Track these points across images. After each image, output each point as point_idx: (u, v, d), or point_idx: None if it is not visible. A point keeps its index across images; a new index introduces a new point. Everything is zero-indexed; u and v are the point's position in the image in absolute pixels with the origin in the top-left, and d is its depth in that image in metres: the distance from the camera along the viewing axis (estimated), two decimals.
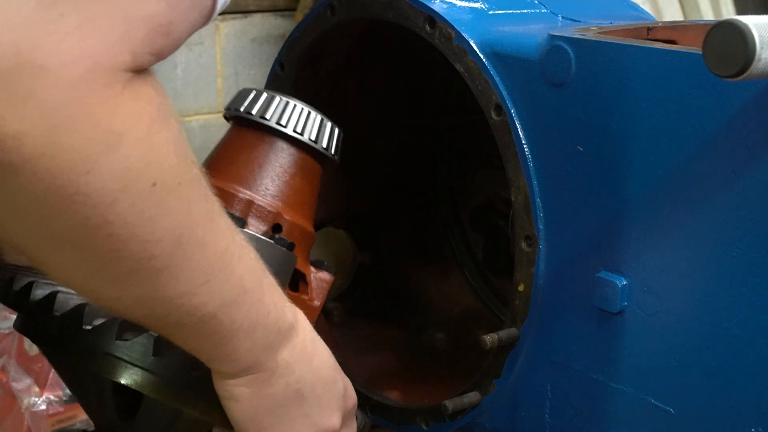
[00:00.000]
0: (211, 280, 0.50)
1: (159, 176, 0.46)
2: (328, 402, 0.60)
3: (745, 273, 0.57)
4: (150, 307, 0.50)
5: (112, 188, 0.44)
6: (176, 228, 0.48)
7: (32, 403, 1.59)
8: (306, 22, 0.81)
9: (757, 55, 0.50)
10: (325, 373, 0.61)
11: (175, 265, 0.48)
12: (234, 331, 0.53)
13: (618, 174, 0.63)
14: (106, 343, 0.60)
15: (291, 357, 0.58)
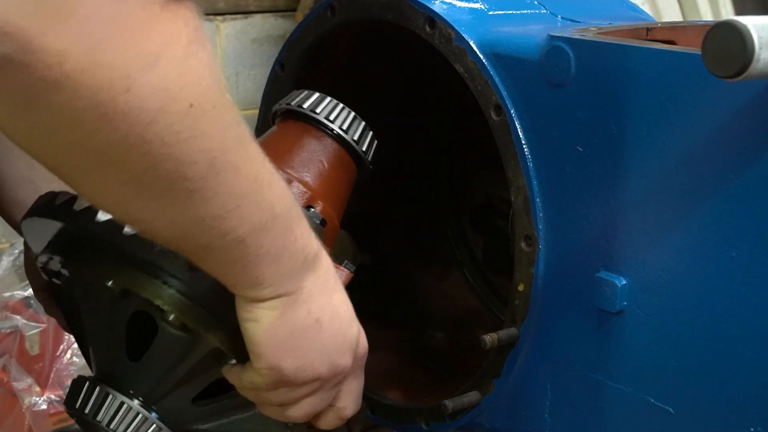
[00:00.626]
0: (241, 205, 0.51)
1: (195, 97, 0.46)
2: (343, 340, 0.61)
3: (744, 273, 0.57)
4: (181, 229, 0.51)
5: (150, 107, 0.44)
6: (210, 151, 0.48)
7: (33, 403, 1.59)
8: (306, 23, 0.81)
9: (756, 55, 0.50)
10: (344, 311, 0.61)
11: (208, 188, 0.49)
12: (261, 256, 0.54)
13: (617, 174, 0.63)
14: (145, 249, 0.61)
15: (314, 286, 0.58)
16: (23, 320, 1.65)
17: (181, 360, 0.65)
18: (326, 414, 0.65)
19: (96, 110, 0.43)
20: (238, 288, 0.57)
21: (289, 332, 0.58)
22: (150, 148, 0.46)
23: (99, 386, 0.66)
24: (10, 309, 1.66)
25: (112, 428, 0.66)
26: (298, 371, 0.59)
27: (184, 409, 0.67)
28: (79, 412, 0.67)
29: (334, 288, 0.61)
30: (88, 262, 0.65)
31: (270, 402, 0.62)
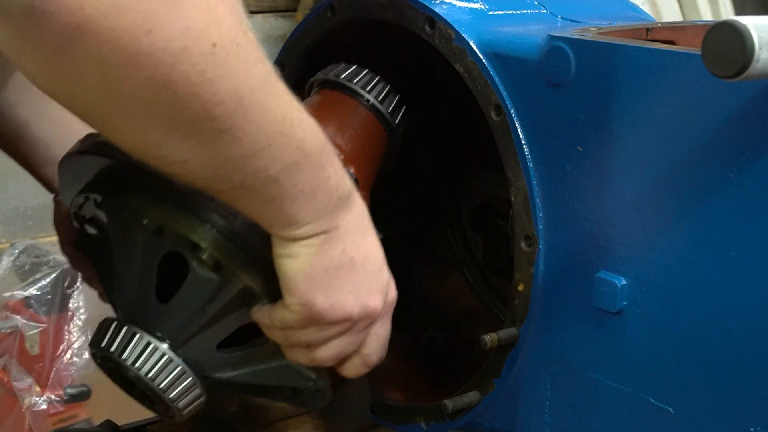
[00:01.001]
0: (272, 144, 0.51)
1: (218, 37, 0.46)
2: (374, 281, 0.61)
3: (744, 273, 0.57)
4: (214, 170, 0.52)
5: (173, 48, 0.45)
6: (236, 90, 0.48)
7: (33, 403, 1.60)
8: (306, 23, 0.81)
9: (756, 55, 0.50)
10: (376, 254, 0.61)
11: (237, 127, 0.49)
12: (295, 195, 0.54)
13: (617, 174, 0.63)
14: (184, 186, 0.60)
15: (349, 225, 0.59)
16: (23, 320, 1.65)
17: (211, 301, 0.65)
18: (351, 359, 0.64)
19: (120, 53, 0.44)
20: (275, 228, 0.57)
21: (323, 269, 0.58)
22: (176, 88, 0.46)
23: (126, 326, 0.66)
24: (10, 309, 1.66)
25: (137, 367, 0.66)
26: (330, 309, 0.59)
27: (208, 355, 0.68)
28: (104, 351, 0.67)
29: (368, 229, 0.61)
30: (126, 199, 0.66)
31: (298, 341, 0.62)
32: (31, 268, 1.73)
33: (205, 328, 0.66)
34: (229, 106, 0.48)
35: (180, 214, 0.62)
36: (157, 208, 0.63)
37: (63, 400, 1.64)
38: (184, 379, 0.66)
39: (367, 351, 0.64)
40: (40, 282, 1.69)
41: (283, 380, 0.69)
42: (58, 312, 1.71)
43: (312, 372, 0.67)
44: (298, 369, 0.67)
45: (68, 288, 1.73)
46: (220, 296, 0.64)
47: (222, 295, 0.64)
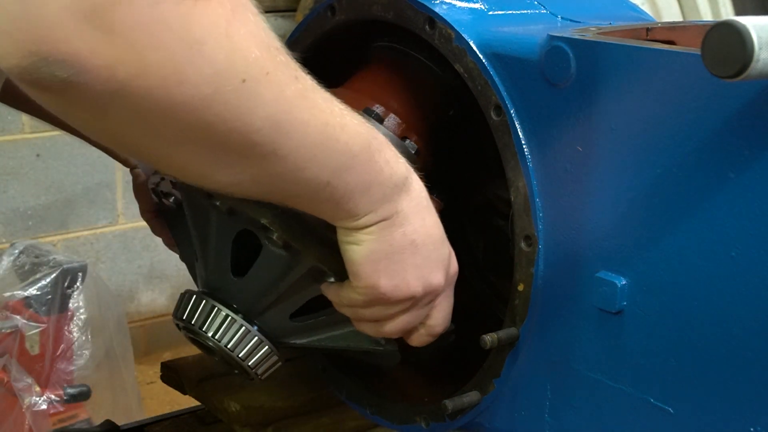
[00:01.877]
0: (317, 154, 0.54)
1: (246, 72, 0.49)
2: (436, 259, 0.64)
3: (744, 273, 0.57)
4: (267, 186, 0.55)
5: (205, 93, 0.47)
6: (272, 115, 0.51)
7: (33, 403, 1.60)
8: (306, 23, 0.81)
9: (756, 55, 0.50)
10: (436, 232, 0.64)
11: (279, 148, 0.52)
12: (349, 193, 0.57)
13: (617, 174, 0.63)
14: None
15: (408, 208, 0.61)
16: (23, 320, 1.65)
17: (282, 277, 0.68)
18: (417, 331, 0.68)
19: (157, 107, 0.47)
20: (337, 221, 0.60)
21: (385, 254, 0.61)
22: (214, 127, 0.49)
23: (205, 299, 0.70)
24: (11, 309, 1.66)
25: (217, 338, 0.70)
26: (394, 289, 0.62)
27: (282, 324, 0.71)
28: (186, 323, 0.71)
29: (427, 209, 0.63)
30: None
31: (366, 318, 0.66)
32: (31, 268, 1.73)
33: (279, 301, 0.70)
34: (267, 131, 0.51)
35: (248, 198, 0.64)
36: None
37: (63, 400, 1.64)
38: (261, 348, 0.70)
39: (432, 322, 0.68)
40: (40, 282, 1.69)
41: (354, 344, 0.72)
42: (58, 312, 1.71)
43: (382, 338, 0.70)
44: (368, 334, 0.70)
45: (68, 288, 1.73)
46: (291, 273, 0.68)
47: (292, 272, 0.68)
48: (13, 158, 2.14)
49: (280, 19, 2.37)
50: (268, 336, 0.71)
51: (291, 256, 0.67)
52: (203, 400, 0.93)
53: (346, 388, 0.84)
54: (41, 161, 2.17)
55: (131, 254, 2.34)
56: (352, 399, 0.83)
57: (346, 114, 0.57)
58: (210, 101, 0.48)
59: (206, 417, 0.97)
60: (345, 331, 0.72)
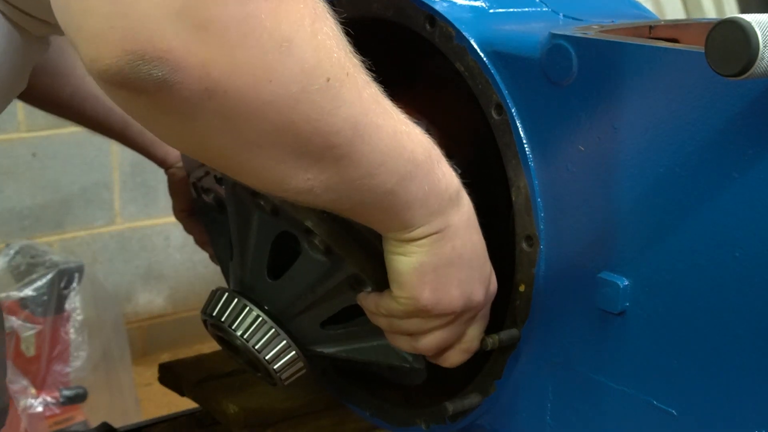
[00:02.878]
0: (387, 160, 0.54)
1: (330, 71, 0.49)
2: (480, 276, 0.64)
3: (748, 273, 0.57)
4: (336, 193, 0.55)
5: (293, 91, 0.47)
6: (352, 116, 0.51)
7: (29, 405, 1.59)
8: None
9: (760, 54, 0.49)
10: (481, 248, 0.64)
11: (355, 151, 0.52)
12: (410, 202, 0.58)
13: (620, 174, 0.63)
14: None
15: (459, 222, 0.62)
16: (19, 321, 1.65)
17: (319, 283, 0.68)
18: (453, 349, 0.67)
19: (246, 106, 0.47)
20: (391, 232, 0.60)
21: (433, 266, 0.61)
22: (298, 127, 0.49)
23: (237, 298, 0.70)
24: (6, 310, 1.66)
25: (245, 338, 0.69)
26: (437, 303, 0.62)
27: (312, 331, 0.71)
28: (215, 320, 0.71)
29: (474, 225, 0.64)
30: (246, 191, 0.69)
31: (402, 330, 0.65)
32: (26, 268, 1.73)
33: (312, 307, 0.69)
34: (347, 133, 0.51)
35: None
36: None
37: (59, 402, 1.64)
38: (289, 353, 0.70)
39: (467, 339, 0.67)
40: (36, 283, 1.69)
41: (382, 359, 0.72)
42: (54, 313, 1.70)
43: (410, 355, 0.71)
44: (397, 350, 0.70)
45: (65, 289, 1.72)
46: (329, 279, 0.68)
47: (330, 279, 0.67)
48: (9, 157, 2.13)
49: None
50: (297, 342, 0.71)
51: (330, 262, 0.67)
52: (201, 402, 0.92)
53: (346, 390, 0.84)
54: (37, 161, 2.17)
55: (128, 255, 2.33)
56: (352, 401, 0.83)
57: (408, 122, 0.57)
58: (296, 100, 0.48)
59: (204, 419, 0.96)
60: (374, 345, 0.72)
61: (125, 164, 2.27)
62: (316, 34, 0.48)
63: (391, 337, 0.67)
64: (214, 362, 0.96)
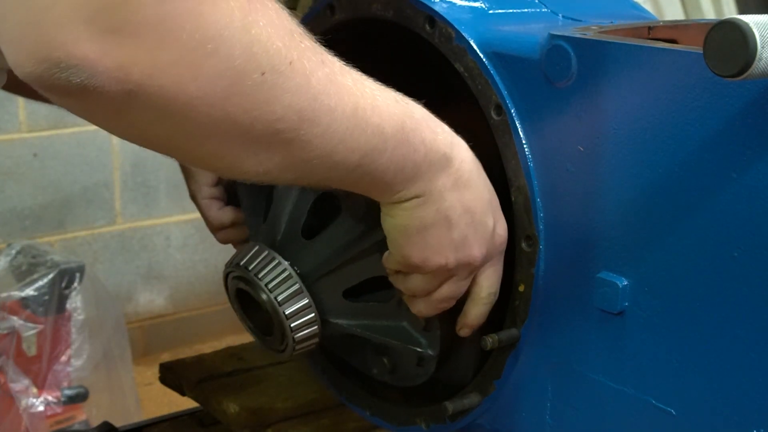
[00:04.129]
0: (345, 139, 0.54)
1: (267, 64, 0.48)
2: (474, 233, 0.65)
3: (746, 273, 0.57)
4: (295, 171, 0.54)
5: (222, 86, 0.46)
6: (295, 104, 0.50)
7: (30, 404, 1.59)
8: (305, 22, 0.81)
9: (758, 54, 0.50)
10: (476, 206, 0.64)
11: (304, 134, 0.52)
12: (382, 173, 0.58)
13: (619, 174, 0.63)
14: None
15: (444, 185, 0.62)
16: (20, 321, 1.65)
17: (351, 245, 0.70)
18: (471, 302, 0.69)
19: (174, 103, 0.46)
20: (373, 195, 0.62)
21: (418, 228, 0.63)
22: (235, 117, 0.48)
23: (268, 251, 0.72)
24: (8, 310, 1.66)
25: (270, 288, 0.71)
26: (425, 261, 0.64)
27: (333, 299, 0.73)
28: (242, 269, 0.72)
29: (467, 182, 0.63)
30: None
31: (411, 289, 0.67)
32: (28, 268, 1.73)
33: (338, 270, 0.71)
34: (291, 119, 0.50)
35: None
36: None
37: (60, 401, 1.64)
38: (308, 313, 0.72)
39: (483, 290, 0.69)
40: (38, 282, 1.69)
41: (395, 339, 0.73)
42: (55, 313, 1.70)
43: (424, 338, 0.72)
44: (411, 332, 0.72)
45: (66, 288, 1.72)
46: (361, 241, 0.70)
47: (362, 241, 0.70)
48: (10, 158, 2.13)
49: None
50: (317, 306, 0.72)
51: (365, 225, 0.69)
52: (202, 401, 0.92)
53: (346, 390, 0.84)
54: (38, 161, 2.17)
55: (129, 255, 2.33)
56: (352, 400, 0.83)
57: (378, 95, 0.56)
58: (227, 95, 0.47)
59: (205, 418, 0.96)
60: (390, 324, 0.73)
61: (126, 164, 2.27)
62: (248, 28, 0.46)
63: (410, 302, 0.69)
64: (215, 362, 0.96)
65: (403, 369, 0.76)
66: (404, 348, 0.73)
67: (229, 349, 1.00)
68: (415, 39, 0.73)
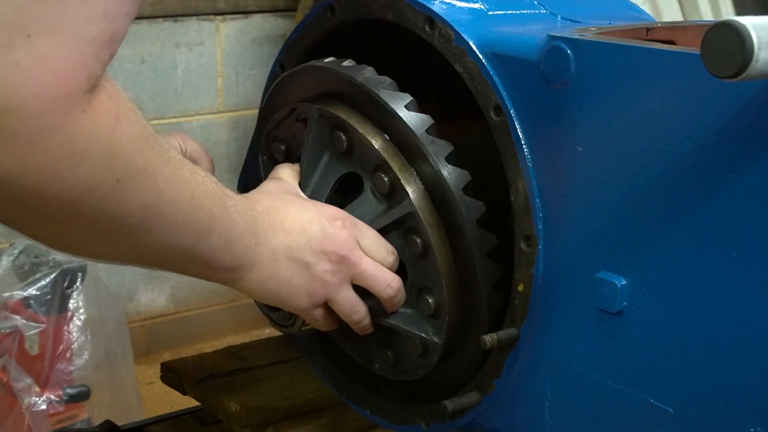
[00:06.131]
0: (181, 225, 0.59)
1: (123, 172, 0.53)
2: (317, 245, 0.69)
3: (744, 273, 0.57)
4: (135, 255, 0.60)
5: (80, 191, 0.51)
6: (143, 202, 0.55)
7: (33, 403, 1.59)
8: (306, 23, 0.81)
9: (755, 55, 0.50)
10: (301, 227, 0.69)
11: (149, 225, 0.56)
12: (213, 252, 0.62)
13: (617, 174, 0.63)
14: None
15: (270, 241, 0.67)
16: (23, 320, 1.65)
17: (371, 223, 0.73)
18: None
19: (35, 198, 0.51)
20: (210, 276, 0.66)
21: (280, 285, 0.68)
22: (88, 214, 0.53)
23: None
24: (10, 309, 1.66)
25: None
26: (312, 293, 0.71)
27: None
28: None
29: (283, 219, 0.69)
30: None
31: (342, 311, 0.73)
32: (30, 268, 1.73)
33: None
34: (137, 214, 0.55)
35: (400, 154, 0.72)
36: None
37: (62, 400, 1.64)
38: None
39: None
40: (40, 282, 1.69)
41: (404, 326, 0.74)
42: (57, 312, 1.70)
43: (431, 325, 0.73)
44: (418, 319, 0.73)
45: (68, 288, 1.72)
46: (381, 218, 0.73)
47: (383, 217, 0.73)
48: None
49: (280, 19, 2.37)
50: None
51: (387, 205, 0.72)
52: (203, 400, 0.93)
53: (346, 389, 0.84)
54: None
55: None
56: (352, 399, 0.83)
57: (206, 180, 0.61)
58: (84, 197, 0.51)
59: (206, 417, 0.97)
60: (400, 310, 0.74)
61: None
62: (113, 144, 0.51)
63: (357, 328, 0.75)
64: (216, 361, 0.96)
65: (406, 361, 0.76)
66: (410, 334, 0.74)
67: (230, 349, 1.00)
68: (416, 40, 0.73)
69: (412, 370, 0.76)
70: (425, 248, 0.71)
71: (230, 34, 2.31)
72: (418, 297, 0.73)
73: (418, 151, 0.71)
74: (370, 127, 0.72)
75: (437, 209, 0.71)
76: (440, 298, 0.71)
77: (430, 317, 0.73)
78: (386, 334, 0.77)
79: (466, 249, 0.70)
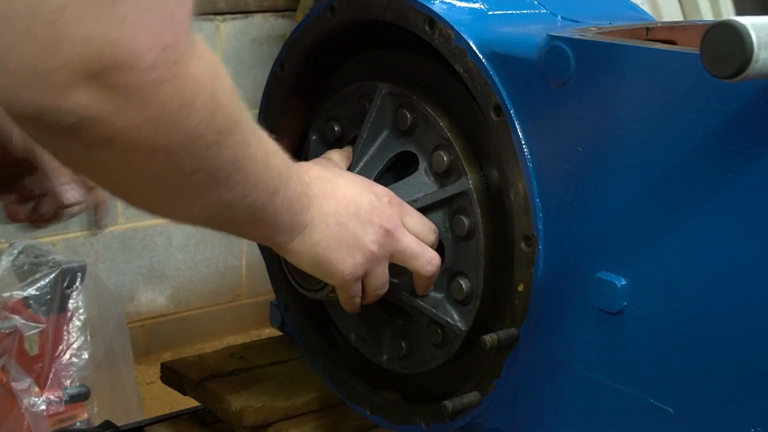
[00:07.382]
0: (259, 182, 0.60)
1: (224, 125, 0.55)
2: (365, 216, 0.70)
3: (743, 273, 0.57)
4: (211, 215, 0.61)
5: (185, 142, 0.53)
6: (233, 156, 0.57)
7: (32, 403, 1.59)
8: (306, 23, 0.81)
9: (755, 55, 0.50)
10: (351, 197, 0.70)
11: (231, 180, 0.58)
12: (277, 212, 0.64)
13: (617, 174, 0.63)
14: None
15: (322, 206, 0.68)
16: (22, 320, 1.65)
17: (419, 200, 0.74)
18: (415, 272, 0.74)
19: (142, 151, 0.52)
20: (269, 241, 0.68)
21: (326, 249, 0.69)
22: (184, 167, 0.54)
23: None
24: (10, 309, 1.66)
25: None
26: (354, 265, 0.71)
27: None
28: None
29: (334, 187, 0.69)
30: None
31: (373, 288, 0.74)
32: (30, 268, 1.73)
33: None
34: (227, 169, 0.57)
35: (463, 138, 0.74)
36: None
37: (62, 400, 1.64)
38: None
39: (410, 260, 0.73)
40: (39, 282, 1.69)
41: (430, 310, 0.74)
42: (57, 312, 1.70)
43: (457, 312, 0.73)
44: (445, 304, 0.74)
45: (67, 288, 1.72)
46: (429, 195, 0.74)
47: (432, 195, 0.74)
48: None
49: (280, 19, 2.37)
50: None
51: (437, 186, 0.74)
52: (203, 400, 0.93)
53: (347, 388, 0.84)
54: None
55: (131, 254, 2.34)
56: (353, 399, 0.83)
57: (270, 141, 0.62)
58: (186, 149, 0.53)
59: (206, 417, 0.97)
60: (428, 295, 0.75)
61: None
62: (215, 95, 0.53)
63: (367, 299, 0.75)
64: (216, 361, 0.96)
65: (420, 352, 0.76)
66: (436, 317, 0.74)
67: (230, 349, 1.00)
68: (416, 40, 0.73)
69: (424, 362, 0.76)
70: (471, 230, 0.72)
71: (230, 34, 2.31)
72: (450, 281, 0.74)
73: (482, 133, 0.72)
74: (438, 108, 0.73)
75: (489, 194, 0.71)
76: (474, 283, 0.72)
77: (459, 303, 0.73)
78: (403, 324, 0.76)
79: (509, 235, 0.70)
